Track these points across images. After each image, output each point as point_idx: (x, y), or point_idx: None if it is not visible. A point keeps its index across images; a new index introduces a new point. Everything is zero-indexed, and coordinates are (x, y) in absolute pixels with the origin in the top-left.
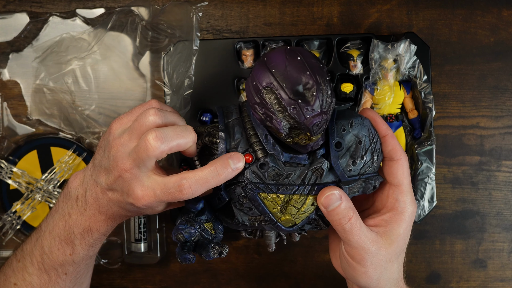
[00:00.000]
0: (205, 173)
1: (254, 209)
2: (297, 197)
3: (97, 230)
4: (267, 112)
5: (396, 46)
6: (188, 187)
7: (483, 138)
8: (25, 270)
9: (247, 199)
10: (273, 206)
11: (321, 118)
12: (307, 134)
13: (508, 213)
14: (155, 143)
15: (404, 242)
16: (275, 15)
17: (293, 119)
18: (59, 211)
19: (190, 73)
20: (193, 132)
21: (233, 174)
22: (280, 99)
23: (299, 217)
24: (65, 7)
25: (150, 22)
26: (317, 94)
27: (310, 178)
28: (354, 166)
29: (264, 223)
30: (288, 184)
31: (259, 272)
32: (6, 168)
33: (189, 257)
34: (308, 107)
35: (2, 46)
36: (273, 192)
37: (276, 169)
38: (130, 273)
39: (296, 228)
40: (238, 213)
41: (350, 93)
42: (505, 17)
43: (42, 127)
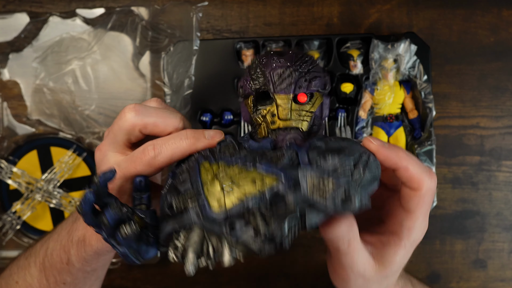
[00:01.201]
0: (173, 134)
1: (187, 182)
2: (237, 168)
3: (89, 243)
4: (245, 78)
5: (396, 46)
6: (151, 147)
7: (483, 138)
8: (28, 269)
9: (187, 170)
10: (206, 173)
11: (286, 69)
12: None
13: (508, 213)
14: (129, 113)
15: (399, 268)
16: (275, 15)
17: (263, 73)
18: (74, 215)
19: (190, 73)
20: (180, 119)
21: (203, 143)
22: (257, 59)
23: (231, 197)
24: (65, 7)
25: (150, 22)
26: (292, 54)
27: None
28: (324, 161)
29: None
30: (236, 156)
31: (259, 272)
32: (6, 168)
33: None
34: (277, 58)
35: (2, 46)
36: (214, 162)
37: (232, 145)
38: (130, 273)
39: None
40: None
41: (350, 93)
42: (505, 17)
43: (42, 127)
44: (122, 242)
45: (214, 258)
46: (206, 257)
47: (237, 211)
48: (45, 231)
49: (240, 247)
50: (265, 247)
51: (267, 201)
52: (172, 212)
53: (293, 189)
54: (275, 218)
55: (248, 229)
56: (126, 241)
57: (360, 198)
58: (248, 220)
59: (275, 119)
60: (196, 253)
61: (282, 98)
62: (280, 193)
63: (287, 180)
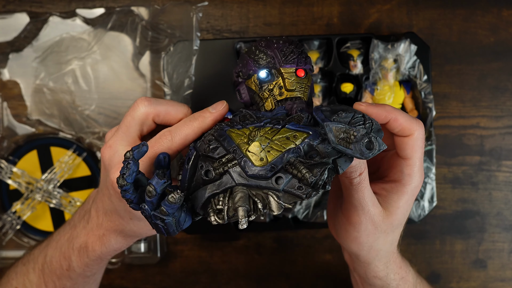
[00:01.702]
0: (183, 120)
1: (219, 148)
2: (268, 128)
3: (92, 248)
4: (244, 62)
5: (396, 46)
6: (166, 133)
7: (483, 138)
8: (27, 275)
9: (214, 138)
10: (239, 137)
11: (288, 46)
12: (280, 71)
13: (508, 213)
14: (143, 102)
15: (403, 216)
16: (275, 15)
17: (265, 53)
18: (71, 222)
19: (190, 73)
20: (187, 108)
21: (211, 117)
22: (253, 45)
23: (271, 151)
24: (65, 7)
25: (150, 22)
26: (285, 38)
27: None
28: (339, 117)
29: (230, 165)
30: (259, 120)
31: (259, 272)
32: (6, 168)
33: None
34: (277, 40)
35: (2, 46)
36: (242, 127)
37: (249, 115)
38: (130, 273)
39: (268, 169)
40: (202, 160)
41: (350, 93)
42: (505, 17)
43: (42, 127)
44: (169, 211)
45: (262, 210)
46: (255, 212)
47: (278, 163)
48: (45, 231)
49: (287, 197)
50: (311, 192)
51: (302, 153)
52: (209, 176)
53: (322, 141)
54: (314, 166)
55: (293, 180)
56: (173, 209)
57: (378, 141)
58: (291, 171)
59: (282, 91)
60: (246, 208)
61: (288, 71)
62: (313, 145)
63: (316, 134)
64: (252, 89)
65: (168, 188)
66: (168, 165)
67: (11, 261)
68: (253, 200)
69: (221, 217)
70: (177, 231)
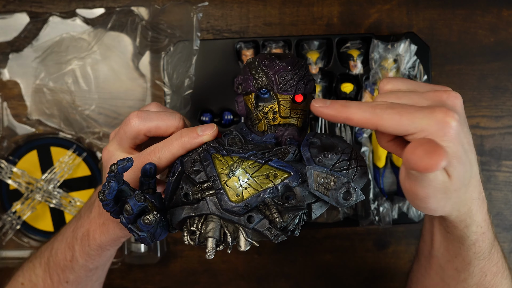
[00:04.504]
0: (171, 136)
1: (201, 173)
2: (251, 162)
3: (93, 237)
4: (245, 76)
5: (396, 46)
6: (155, 150)
7: (483, 138)
8: (33, 270)
9: (199, 160)
10: (222, 166)
11: (288, 72)
12: (277, 96)
13: (508, 213)
14: (134, 119)
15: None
16: (275, 15)
17: (265, 73)
18: (77, 215)
19: (190, 73)
20: (179, 119)
21: (198, 139)
22: (260, 60)
23: (248, 188)
24: (65, 7)
25: (150, 22)
26: (292, 59)
27: (272, 155)
28: (325, 158)
29: (207, 193)
30: (245, 149)
31: (259, 272)
32: (6, 168)
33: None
34: (279, 61)
35: (2, 46)
36: (227, 155)
37: (238, 138)
38: (130, 273)
39: (242, 207)
40: (184, 180)
41: (350, 93)
42: (505, 17)
43: (42, 127)
44: (144, 229)
45: (231, 243)
46: (224, 243)
47: (253, 202)
48: (45, 231)
49: (256, 235)
50: (279, 235)
51: (279, 194)
52: (187, 199)
53: (301, 184)
54: (287, 209)
55: (264, 220)
56: (147, 228)
57: (357, 192)
58: (263, 211)
59: (276, 116)
60: (215, 240)
61: (284, 98)
62: (291, 186)
63: (296, 176)
64: (248, 107)
65: (149, 199)
66: (154, 175)
67: (11, 261)
68: (224, 231)
69: (193, 239)
70: (151, 243)
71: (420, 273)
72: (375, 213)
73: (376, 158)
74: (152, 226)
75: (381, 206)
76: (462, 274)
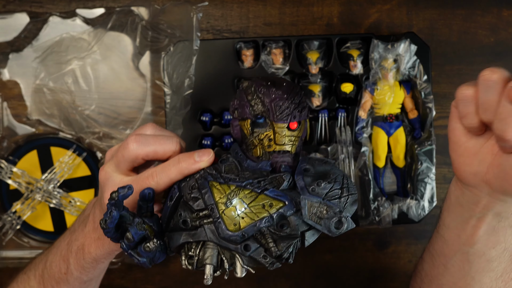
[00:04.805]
0: (169, 162)
1: (199, 200)
2: (248, 191)
3: (88, 251)
4: (241, 102)
5: (396, 46)
6: (155, 174)
7: None
8: (27, 282)
9: (197, 187)
10: (219, 195)
11: (285, 101)
12: (272, 124)
13: None
14: (132, 144)
15: None
16: (275, 15)
17: (261, 101)
18: (71, 229)
19: (190, 73)
20: (176, 143)
21: (195, 165)
22: (256, 87)
23: (245, 218)
24: (65, 7)
25: (150, 22)
26: (287, 87)
27: (267, 183)
28: (318, 187)
29: (205, 221)
30: (242, 177)
31: (259, 272)
32: (6, 168)
33: (114, 236)
34: (275, 89)
35: (2, 46)
36: (224, 183)
37: (234, 165)
38: (130, 273)
39: (239, 236)
40: (182, 207)
41: (350, 93)
42: (505, 17)
43: (42, 127)
44: (144, 255)
45: (227, 269)
46: (221, 269)
47: (249, 231)
48: (45, 231)
49: (252, 262)
50: (274, 263)
51: (274, 222)
52: (185, 226)
53: (295, 213)
54: (282, 238)
55: (260, 248)
56: (148, 254)
57: (348, 221)
58: (259, 240)
59: (271, 143)
60: (213, 266)
61: (279, 126)
62: (286, 215)
63: (291, 205)
64: (244, 132)
65: (148, 223)
66: (152, 199)
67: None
68: (221, 257)
69: (191, 264)
70: (150, 266)
71: (437, 271)
72: (375, 213)
73: (376, 158)
74: (152, 253)
75: (381, 206)
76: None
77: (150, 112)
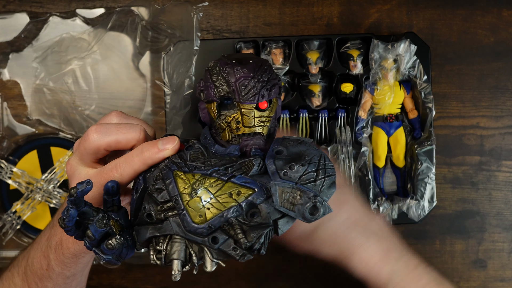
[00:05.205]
0: (132, 152)
1: (164, 191)
2: (214, 180)
3: (66, 246)
4: (206, 83)
5: (396, 46)
6: (119, 165)
7: (483, 138)
8: (12, 279)
9: (161, 178)
10: (184, 185)
11: (250, 80)
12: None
13: (508, 213)
14: (93, 135)
15: None
16: (275, 15)
17: (226, 81)
18: (50, 223)
19: (190, 73)
20: (139, 131)
21: (159, 154)
22: (220, 66)
23: (210, 208)
24: (65, 7)
25: (150, 22)
26: (254, 64)
27: (235, 170)
28: (291, 171)
29: (170, 213)
30: (207, 165)
31: (259, 272)
32: (6, 168)
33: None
34: (240, 68)
35: (2, 46)
36: (189, 172)
37: (200, 152)
38: (130, 273)
39: (206, 228)
40: (146, 199)
41: (350, 93)
42: (505, 17)
43: (42, 127)
44: (108, 253)
45: (197, 264)
46: (189, 263)
47: (217, 222)
48: None
49: (222, 255)
50: (245, 255)
51: (244, 212)
52: (150, 219)
53: (266, 200)
54: (252, 228)
55: (229, 240)
56: (112, 251)
57: (324, 206)
58: (227, 231)
59: (239, 126)
60: (180, 261)
61: (247, 107)
62: (255, 203)
63: (261, 192)
64: (211, 115)
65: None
66: (116, 192)
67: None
68: (189, 251)
69: (159, 259)
70: (118, 263)
71: None
72: (375, 213)
73: (376, 158)
74: (117, 249)
75: (381, 206)
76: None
77: (150, 112)
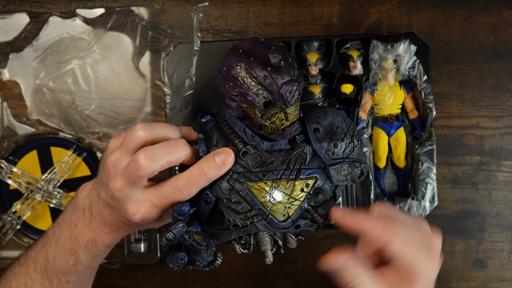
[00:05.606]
0: (192, 173)
1: (243, 203)
2: (285, 182)
3: (101, 242)
4: (241, 91)
5: (396, 47)
6: (181, 187)
7: (483, 138)
8: (27, 275)
9: (235, 191)
10: (261, 194)
11: (292, 85)
12: (283, 107)
13: (508, 213)
14: (145, 162)
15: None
16: (275, 15)
17: (266, 89)
18: (66, 221)
19: (191, 74)
20: (185, 146)
21: (220, 170)
22: (251, 72)
23: (291, 207)
24: (65, 7)
25: (150, 22)
26: (285, 64)
27: (295, 164)
28: (336, 149)
29: (256, 219)
30: (273, 169)
31: (259, 272)
32: (6, 168)
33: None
34: (278, 75)
35: (2, 46)
36: (260, 180)
37: (258, 156)
38: (130, 273)
39: (290, 223)
40: (227, 212)
41: (350, 94)
42: (505, 17)
43: (42, 127)
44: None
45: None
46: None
47: (297, 215)
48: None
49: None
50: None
51: (312, 196)
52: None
53: (326, 181)
54: (322, 207)
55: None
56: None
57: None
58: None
59: (283, 122)
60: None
61: (292, 108)
62: (320, 187)
63: (322, 177)
64: (250, 115)
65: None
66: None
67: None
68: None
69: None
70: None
71: None
72: None
73: (377, 158)
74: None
75: None
76: None
77: (150, 112)
